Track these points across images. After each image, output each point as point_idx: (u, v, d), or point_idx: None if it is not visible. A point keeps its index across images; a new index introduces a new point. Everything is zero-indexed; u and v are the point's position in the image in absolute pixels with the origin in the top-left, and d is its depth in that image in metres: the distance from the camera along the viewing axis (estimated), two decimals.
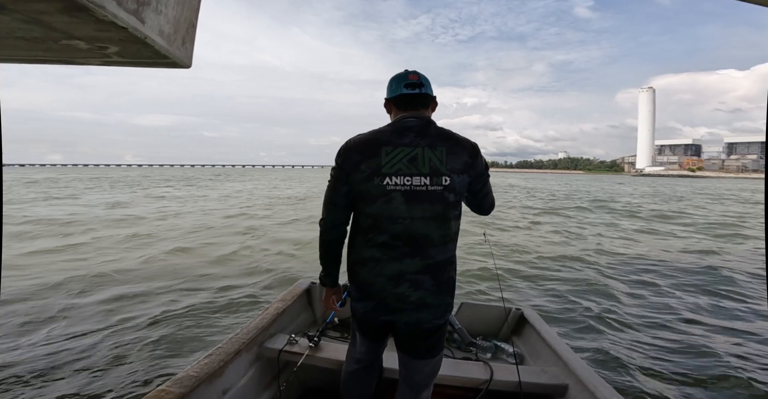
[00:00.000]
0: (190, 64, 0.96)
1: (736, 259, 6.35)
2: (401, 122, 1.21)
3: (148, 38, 0.70)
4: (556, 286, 4.53)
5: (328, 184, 1.26)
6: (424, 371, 1.29)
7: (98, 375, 2.50)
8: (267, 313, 1.93)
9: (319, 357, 1.66)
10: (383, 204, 1.14)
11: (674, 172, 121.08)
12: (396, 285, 1.15)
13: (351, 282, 1.25)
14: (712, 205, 17.11)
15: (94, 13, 0.54)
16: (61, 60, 0.77)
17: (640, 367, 2.72)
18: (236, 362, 1.55)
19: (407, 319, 1.19)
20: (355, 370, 1.39)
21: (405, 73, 1.28)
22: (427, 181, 1.13)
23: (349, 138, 1.24)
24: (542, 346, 1.90)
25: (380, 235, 1.15)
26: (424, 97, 1.26)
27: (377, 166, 1.14)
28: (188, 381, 1.31)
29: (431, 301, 1.17)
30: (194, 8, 0.94)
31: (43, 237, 7.06)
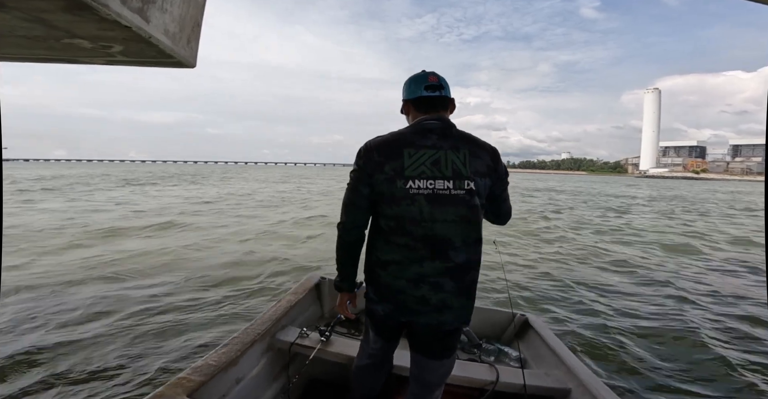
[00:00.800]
0: (195, 63, 0.94)
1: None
2: (422, 124, 1.20)
3: (152, 37, 0.69)
4: (563, 292, 4.47)
5: (348, 185, 1.24)
6: (439, 371, 1.31)
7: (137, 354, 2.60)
8: (279, 306, 1.97)
9: (329, 351, 1.71)
10: (406, 206, 1.13)
11: (678, 174, 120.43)
12: (416, 287, 1.15)
13: (369, 284, 1.25)
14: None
15: (97, 12, 0.52)
16: (64, 59, 0.75)
17: (642, 373, 2.70)
18: (250, 352, 1.60)
19: (427, 321, 1.19)
20: (367, 365, 1.42)
21: (424, 75, 1.26)
22: (450, 185, 1.12)
23: (367, 140, 1.23)
24: (545, 350, 1.94)
25: (401, 238, 1.15)
26: (444, 100, 1.25)
27: (400, 168, 1.13)
28: (207, 369, 1.36)
29: (452, 303, 1.16)
30: (200, 7, 0.92)
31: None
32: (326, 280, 2.45)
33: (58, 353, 2.58)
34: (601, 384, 1.58)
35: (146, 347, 2.74)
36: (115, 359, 2.55)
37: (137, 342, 2.81)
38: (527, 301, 4.10)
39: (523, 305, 3.89)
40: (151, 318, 3.24)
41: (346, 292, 1.36)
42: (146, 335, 2.92)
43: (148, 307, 3.47)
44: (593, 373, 1.68)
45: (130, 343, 2.79)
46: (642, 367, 2.76)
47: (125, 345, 2.75)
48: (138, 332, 2.96)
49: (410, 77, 1.29)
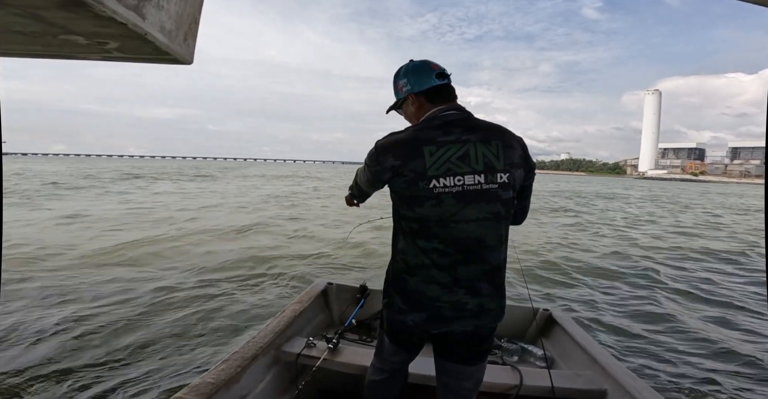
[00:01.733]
0: (192, 60, 0.94)
1: None
2: (441, 117, 1.08)
3: (148, 34, 0.69)
4: (588, 287, 4.49)
5: (364, 174, 1.19)
6: (475, 376, 1.21)
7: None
8: (284, 316, 1.89)
9: (338, 360, 1.62)
10: (431, 207, 1.03)
11: (676, 175, 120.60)
12: (451, 292, 1.05)
13: (396, 293, 1.12)
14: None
15: (92, 9, 0.53)
16: (61, 55, 0.75)
17: (684, 375, 2.56)
18: (253, 367, 1.52)
19: (464, 328, 1.10)
20: (382, 379, 1.31)
21: (425, 63, 1.16)
22: (481, 179, 1.02)
23: (378, 140, 1.11)
24: (574, 348, 1.80)
25: (429, 241, 1.04)
26: (453, 88, 1.16)
27: (422, 168, 1.01)
28: (205, 388, 1.28)
29: (489, 306, 1.08)
30: (197, 4, 0.92)
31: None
32: (333, 285, 2.35)
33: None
34: (642, 384, 1.42)
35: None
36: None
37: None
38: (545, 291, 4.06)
39: (543, 299, 3.81)
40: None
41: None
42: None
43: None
44: (632, 373, 1.52)
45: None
46: (686, 374, 2.59)
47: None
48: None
49: (406, 68, 1.16)
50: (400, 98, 1.20)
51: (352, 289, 2.35)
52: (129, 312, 3.28)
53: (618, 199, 21.97)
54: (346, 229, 7.69)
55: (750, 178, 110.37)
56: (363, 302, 2.21)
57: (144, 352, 2.63)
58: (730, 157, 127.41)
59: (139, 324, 3.05)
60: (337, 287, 2.36)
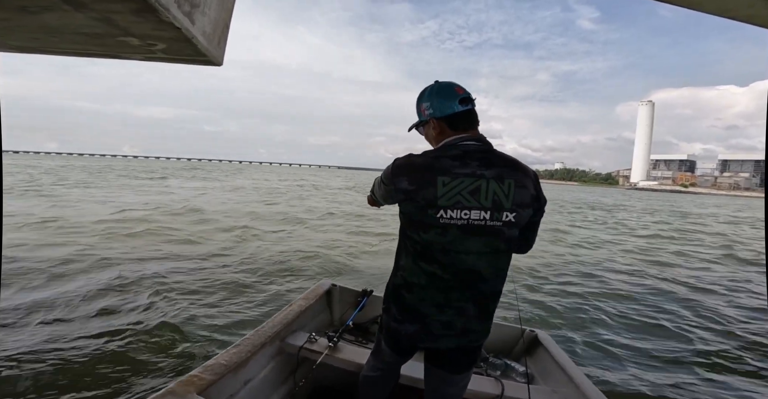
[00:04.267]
0: (222, 62, 1.02)
1: None
2: (461, 146, 1.09)
3: (194, 38, 0.76)
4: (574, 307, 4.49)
5: (380, 188, 1.24)
6: (461, 384, 1.29)
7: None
8: (291, 310, 1.99)
9: (336, 357, 1.71)
10: (436, 235, 1.06)
11: (667, 187, 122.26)
12: (441, 312, 1.11)
13: (393, 303, 1.20)
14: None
15: (159, 15, 0.60)
16: (109, 54, 0.82)
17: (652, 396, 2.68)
18: (260, 355, 1.62)
19: (449, 345, 1.16)
20: (375, 376, 1.40)
21: (449, 86, 1.15)
22: (486, 216, 1.05)
23: (397, 158, 1.13)
24: (554, 367, 1.92)
25: (430, 265, 1.09)
26: (476, 114, 1.15)
27: (432, 197, 1.04)
28: (218, 368, 1.38)
29: (475, 327, 1.14)
30: (230, 9, 1.00)
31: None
32: (337, 287, 2.47)
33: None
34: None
35: None
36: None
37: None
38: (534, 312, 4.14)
39: (531, 320, 3.91)
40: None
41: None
42: None
43: None
44: (601, 393, 1.62)
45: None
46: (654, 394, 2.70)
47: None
48: None
49: (431, 90, 1.16)
50: (422, 120, 1.21)
51: (354, 292, 2.47)
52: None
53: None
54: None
55: (739, 190, 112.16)
56: (362, 306, 2.32)
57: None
58: (719, 170, 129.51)
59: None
60: (340, 289, 2.48)
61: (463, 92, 1.13)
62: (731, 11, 1.50)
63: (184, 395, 1.21)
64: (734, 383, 2.89)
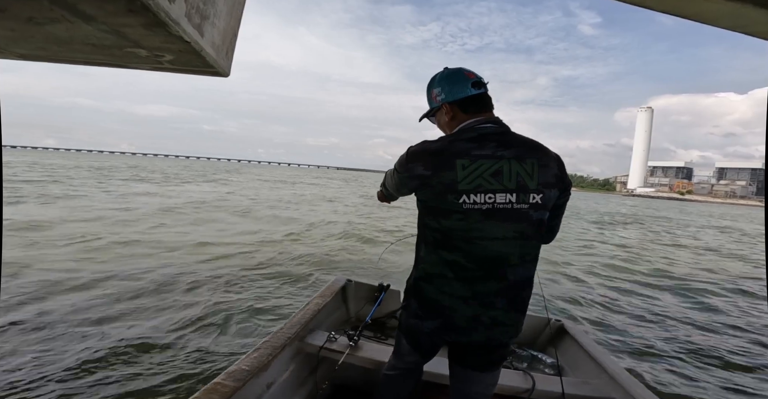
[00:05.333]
0: (230, 73, 1.00)
1: None
2: (477, 129, 1.06)
3: (203, 50, 0.75)
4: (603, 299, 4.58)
5: (392, 178, 1.18)
6: (487, 382, 1.21)
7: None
8: (308, 310, 1.95)
9: (357, 356, 1.68)
10: (457, 221, 1.01)
11: (664, 194, 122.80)
12: (466, 304, 1.04)
13: (414, 298, 1.14)
14: None
15: (169, 29, 0.59)
16: (117, 64, 0.81)
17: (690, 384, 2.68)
18: (280, 357, 1.59)
19: (476, 339, 1.09)
20: (396, 375, 1.34)
21: (459, 70, 1.12)
22: (513, 198, 1.00)
23: (410, 146, 1.08)
24: (584, 357, 1.86)
25: (451, 253, 1.03)
26: (490, 98, 1.12)
27: (452, 181, 0.99)
28: (240, 374, 1.36)
29: (503, 320, 1.06)
30: (238, 19, 0.98)
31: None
32: (352, 282, 2.42)
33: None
34: (650, 394, 1.46)
35: None
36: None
37: None
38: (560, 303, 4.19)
39: (557, 310, 3.91)
40: None
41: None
42: None
43: None
44: (640, 382, 1.55)
45: None
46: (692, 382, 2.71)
47: None
48: None
49: (441, 76, 1.14)
50: (434, 107, 1.17)
51: (370, 287, 2.41)
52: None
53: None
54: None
55: (734, 199, 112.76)
56: (380, 301, 2.27)
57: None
58: (716, 177, 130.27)
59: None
60: (356, 284, 2.43)
61: (474, 76, 1.11)
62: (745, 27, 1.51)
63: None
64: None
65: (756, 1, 1.38)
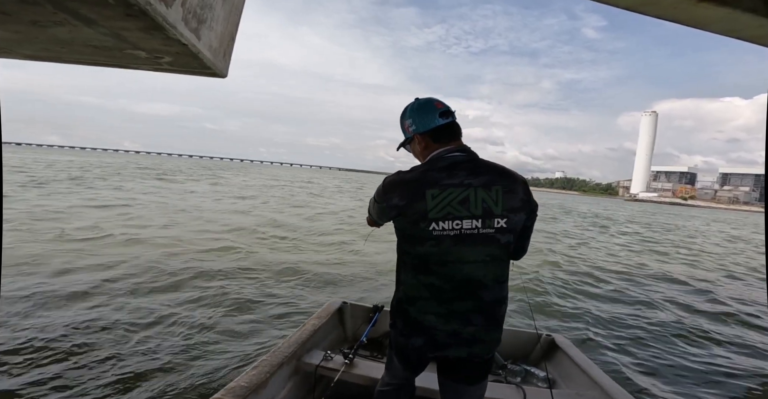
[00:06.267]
0: (227, 74, 1.03)
1: None
2: (446, 158, 1.13)
3: (200, 53, 0.78)
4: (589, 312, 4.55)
5: (374, 208, 1.25)
6: (475, 395, 1.27)
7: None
8: (305, 330, 2.02)
9: (353, 373, 1.73)
10: (431, 247, 1.08)
11: (666, 199, 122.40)
12: (446, 322, 1.11)
13: (398, 318, 1.21)
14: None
15: (166, 32, 0.62)
16: (117, 65, 0.84)
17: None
18: (278, 374, 1.63)
19: (458, 354, 1.15)
20: (389, 391, 1.40)
21: (428, 101, 1.20)
22: (478, 224, 1.07)
23: (387, 176, 1.18)
24: (575, 371, 1.90)
25: (428, 277, 1.10)
26: (458, 126, 1.19)
27: (423, 211, 1.07)
28: (240, 391, 1.40)
29: (482, 337, 1.13)
30: (236, 23, 1.01)
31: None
32: (348, 304, 2.51)
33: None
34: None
35: None
36: None
37: None
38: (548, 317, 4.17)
39: (546, 325, 3.93)
40: None
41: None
42: None
43: None
44: (629, 394, 1.59)
45: None
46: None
47: None
48: None
49: (411, 108, 1.21)
50: (407, 137, 1.24)
51: (365, 308, 2.52)
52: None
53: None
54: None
55: (738, 204, 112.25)
56: (375, 321, 2.35)
57: None
58: (719, 183, 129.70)
59: None
60: (351, 306, 2.53)
61: (442, 106, 1.18)
62: (737, 31, 1.53)
63: None
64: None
65: (747, 6, 1.41)
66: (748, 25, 1.46)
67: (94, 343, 2.71)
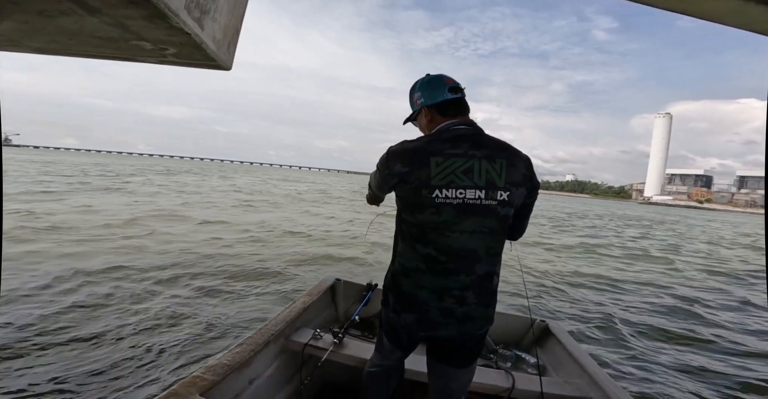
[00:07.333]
0: (231, 67, 1.04)
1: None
2: (451, 130, 1.13)
3: (203, 43, 0.79)
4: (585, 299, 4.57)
5: (375, 179, 1.24)
6: (463, 379, 1.27)
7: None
8: (294, 307, 1.97)
9: (342, 353, 1.69)
10: (431, 215, 1.07)
11: (681, 202, 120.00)
12: (440, 299, 1.10)
13: (391, 293, 1.20)
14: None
15: (169, 21, 0.62)
16: (124, 57, 0.85)
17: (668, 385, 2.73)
18: (264, 353, 1.60)
19: (449, 334, 1.14)
20: (378, 372, 1.39)
21: (440, 77, 1.20)
22: (482, 195, 1.06)
23: (390, 146, 1.16)
24: (566, 358, 1.89)
25: (425, 247, 1.10)
26: (466, 102, 1.20)
27: (426, 177, 1.06)
28: (221, 368, 1.37)
29: (474, 314, 1.12)
30: (240, 16, 1.03)
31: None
32: (341, 282, 2.45)
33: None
34: (626, 394, 1.51)
35: None
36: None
37: None
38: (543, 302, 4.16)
39: (541, 310, 3.91)
40: None
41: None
42: None
43: None
44: (617, 383, 1.60)
45: None
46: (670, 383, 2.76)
47: None
48: None
49: (421, 82, 1.22)
50: (414, 110, 1.25)
51: (359, 286, 2.45)
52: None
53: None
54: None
55: (755, 208, 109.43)
56: (368, 300, 2.30)
57: None
58: (737, 186, 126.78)
59: None
60: (345, 284, 2.46)
61: (452, 82, 1.18)
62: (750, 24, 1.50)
63: (186, 396, 1.19)
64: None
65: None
66: (760, 18, 1.43)
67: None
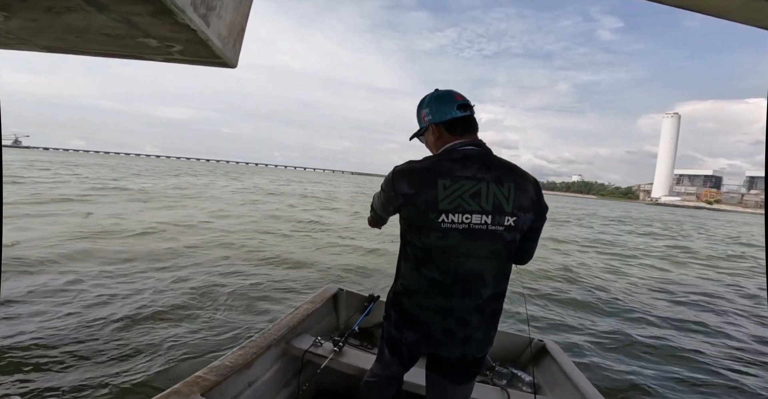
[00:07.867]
0: (236, 64, 1.05)
1: None
2: (460, 151, 1.10)
3: (209, 40, 0.79)
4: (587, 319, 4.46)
5: (379, 199, 1.23)
6: (462, 394, 1.27)
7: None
8: (297, 313, 2.01)
9: (341, 362, 1.71)
10: (437, 239, 1.05)
11: (690, 203, 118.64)
12: (443, 319, 1.09)
13: (394, 310, 1.19)
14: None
15: (175, 17, 0.63)
16: (131, 55, 0.86)
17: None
18: (264, 357, 1.63)
19: (450, 354, 1.14)
20: (376, 382, 1.38)
21: (449, 93, 1.17)
22: (488, 220, 1.04)
23: (396, 165, 1.13)
24: (562, 378, 1.90)
25: (430, 270, 1.08)
26: (476, 121, 1.16)
27: (433, 200, 1.03)
28: (222, 370, 1.40)
29: (477, 337, 1.12)
30: (246, 14, 1.03)
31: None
32: (343, 291, 2.49)
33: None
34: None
35: None
36: None
37: None
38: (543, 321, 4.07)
39: (540, 329, 3.87)
40: None
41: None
42: None
43: None
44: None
45: None
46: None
47: None
48: None
49: (430, 97, 1.18)
50: (422, 127, 1.22)
51: (361, 297, 2.49)
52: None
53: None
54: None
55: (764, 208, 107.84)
56: (369, 311, 2.34)
57: None
58: (746, 187, 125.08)
59: None
60: (347, 294, 2.50)
61: (461, 99, 1.15)
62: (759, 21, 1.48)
63: (188, 395, 1.22)
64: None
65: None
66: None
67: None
